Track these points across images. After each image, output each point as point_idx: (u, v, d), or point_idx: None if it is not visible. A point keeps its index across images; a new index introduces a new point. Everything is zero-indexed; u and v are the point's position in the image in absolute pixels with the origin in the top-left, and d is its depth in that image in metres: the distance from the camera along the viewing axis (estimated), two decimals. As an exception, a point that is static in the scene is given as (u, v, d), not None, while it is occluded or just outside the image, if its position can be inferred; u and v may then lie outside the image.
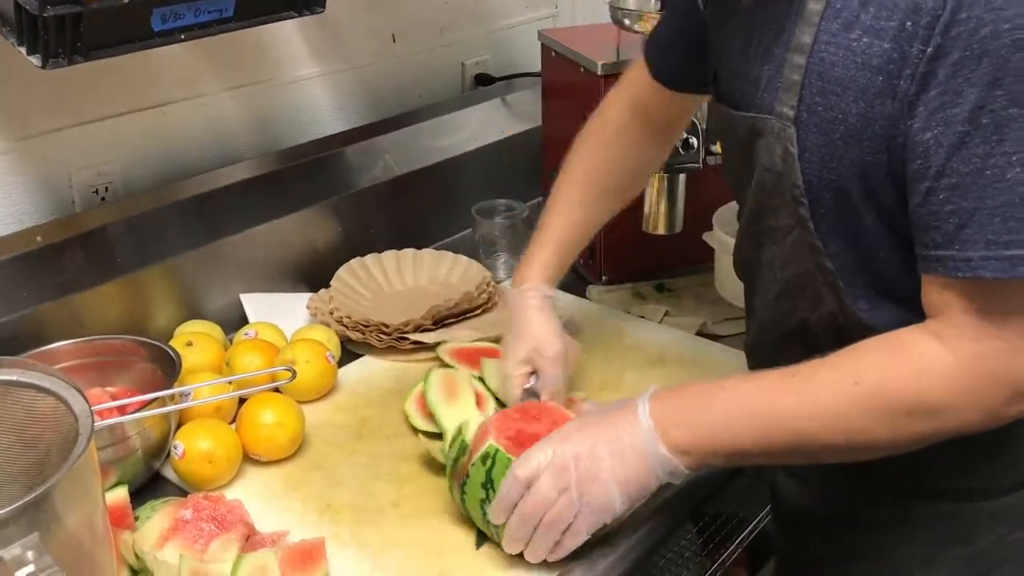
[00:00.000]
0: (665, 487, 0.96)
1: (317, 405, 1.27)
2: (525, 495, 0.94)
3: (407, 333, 1.38)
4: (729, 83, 1.01)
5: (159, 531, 0.99)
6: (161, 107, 1.48)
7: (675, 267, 1.58)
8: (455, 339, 1.37)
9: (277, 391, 1.21)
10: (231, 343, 1.34)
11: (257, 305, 1.46)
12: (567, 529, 0.94)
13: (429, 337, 1.38)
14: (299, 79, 1.66)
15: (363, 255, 1.55)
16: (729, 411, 0.91)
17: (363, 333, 1.38)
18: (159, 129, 1.49)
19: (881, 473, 0.96)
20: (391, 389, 1.31)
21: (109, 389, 1.17)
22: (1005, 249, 0.78)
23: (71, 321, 1.26)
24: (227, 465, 1.12)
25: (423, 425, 1.17)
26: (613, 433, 0.93)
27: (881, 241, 0.89)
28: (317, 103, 1.70)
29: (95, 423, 0.77)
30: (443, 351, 1.34)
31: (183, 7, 1.18)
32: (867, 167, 0.85)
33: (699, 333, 1.42)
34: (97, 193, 1.43)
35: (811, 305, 0.96)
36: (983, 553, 0.98)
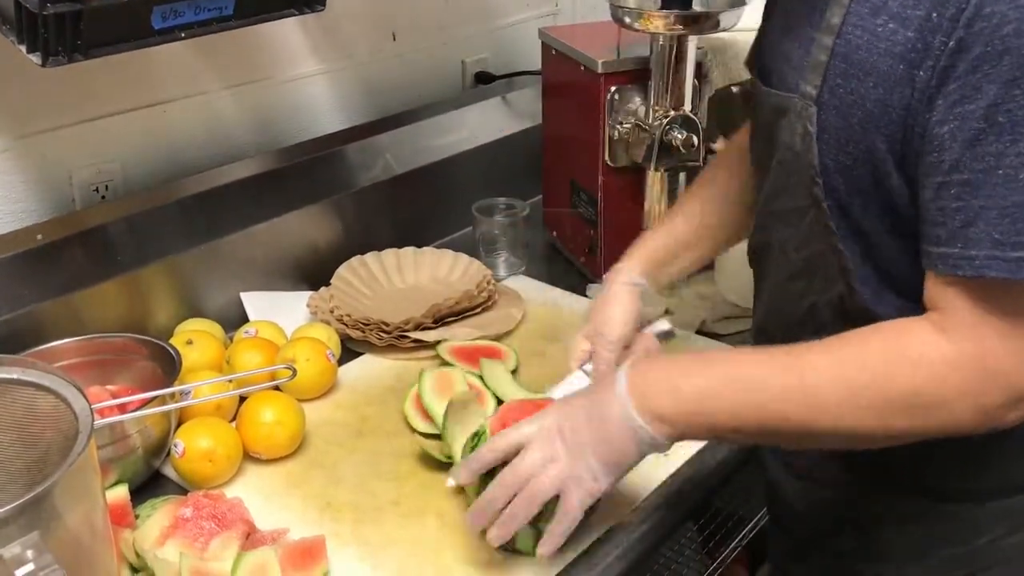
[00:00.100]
0: (665, 486, 0.96)
1: (317, 403, 1.27)
2: (511, 463, 0.93)
3: (407, 331, 1.38)
4: (766, 58, 1.01)
5: (159, 529, 0.99)
6: (161, 105, 1.48)
7: (675, 265, 1.58)
8: (455, 337, 1.37)
9: (277, 389, 1.22)
10: (231, 341, 1.34)
11: (257, 303, 1.46)
12: (558, 513, 0.93)
13: (429, 335, 1.38)
14: (299, 77, 1.66)
15: (363, 253, 1.55)
16: (714, 383, 0.89)
17: (363, 331, 1.38)
18: (159, 127, 1.49)
19: (880, 472, 0.96)
20: (391, 387, 1.31)
21: (109, 387, 1.17)
22: (1012, 250, 0.77)
23: (71, 319, 1.26)
24: (227, 463, 1.12)
25: (423, 427, 1.17)
26: (595, 409, 0.92)
27: (886, 232, 0.88)
28: (317, 101, 1.70)
29: (95, 421, 0.77)
30: (443, 349, 1.34)
31: (183, 5, 1.17)
32: (881, 155, 0.84)
33: (699, 331, 1.42)
34: (97, 191, 1.43)
35: (822, 287, 0.94)
36: (975, 553, 0.97)
